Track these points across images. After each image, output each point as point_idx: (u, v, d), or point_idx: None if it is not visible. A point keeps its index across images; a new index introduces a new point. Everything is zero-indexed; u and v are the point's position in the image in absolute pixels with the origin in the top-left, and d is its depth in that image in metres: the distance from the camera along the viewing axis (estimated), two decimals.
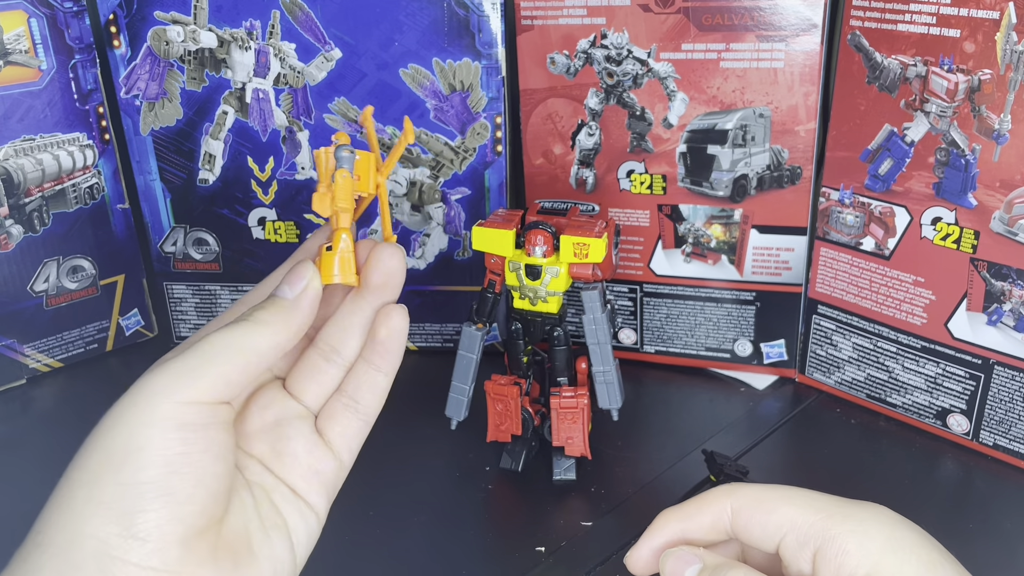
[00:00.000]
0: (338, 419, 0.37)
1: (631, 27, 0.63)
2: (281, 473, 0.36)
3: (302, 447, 0.36)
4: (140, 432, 0.30)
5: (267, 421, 0.37)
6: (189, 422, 0.31)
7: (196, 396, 0.31)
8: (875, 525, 0.33)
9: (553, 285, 0.55)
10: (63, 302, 0.73)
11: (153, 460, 0.30)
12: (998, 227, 0.56)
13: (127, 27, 0.67)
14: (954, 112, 0.56)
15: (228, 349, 0.32)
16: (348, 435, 0.37)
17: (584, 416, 0.57)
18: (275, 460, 0.36)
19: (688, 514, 0.36)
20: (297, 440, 0.36)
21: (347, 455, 0.38)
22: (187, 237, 0.73)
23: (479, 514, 0.57)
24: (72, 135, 0.70)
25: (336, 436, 0.37)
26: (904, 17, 0.56)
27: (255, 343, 0.33)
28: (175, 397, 0.31)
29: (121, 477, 0.30)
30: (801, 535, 0.33)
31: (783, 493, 0.34)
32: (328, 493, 0.37)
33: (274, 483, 0.36)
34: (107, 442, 0.31)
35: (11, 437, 0.66)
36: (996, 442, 0.60)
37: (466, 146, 0.68)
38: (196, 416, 0.31)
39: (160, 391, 0.31)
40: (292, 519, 0.36)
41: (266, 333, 0.33)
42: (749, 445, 0.62)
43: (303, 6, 0.65)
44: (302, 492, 0.36)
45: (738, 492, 0.35)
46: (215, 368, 0.32)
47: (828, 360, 0.67)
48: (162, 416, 0.30)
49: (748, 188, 0.65)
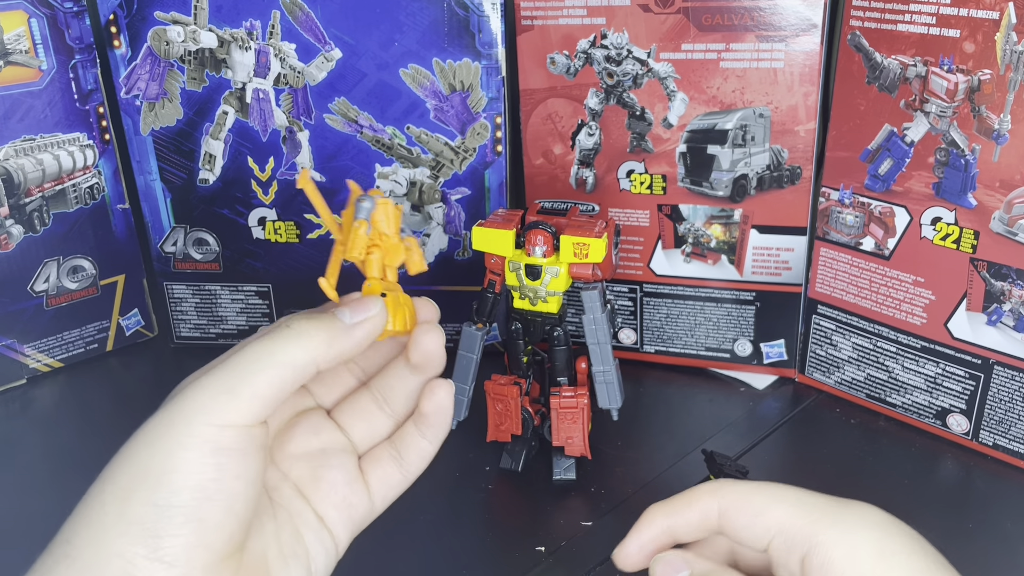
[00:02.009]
0: (382, 466, 0.37)
1: (631, 27, 0.63)
2: (314, 499, 0.36)
3: (342, 477, 0.36)
4: (176, 454, 0.30)
5: (313, 446, 0.37)
6: (225, 447, 0.30)
7: (233, 419, 0.30)
8: (863, 530, 0.32)
9: (553, 285, 0.55)
10: (63, 302, 0.73)
11: (187, 484, 0.30)
12: (998, 227, 0.56)
13: (127, 27, 0.67)
14: (954, 112, 0.56)
15: (263, 363, 0.31)
16: (388, 484, 0.38)
17: (584, 416, 0.57)
18: (311, 485, 0.36)
19: (675, 510, 0.35)
20: (339, 470, 0.36)
21: (380, 502, 0.38)
22: (187, 237, 0.73)
23: (479, 514, 0.57)
24: (72, 135, 0.70)
25: (376, 480, 0.37)
26: (904, 17, 0.56)
27: (292, 356, 0.32)
28: (212, 419, 0.30)
29: (153, 498, 0.29)
30: (789, 539, 0.32)
31: (771, 493, 0.34)
32: (354, 529, 0.37)
33: (302, 509, 0.36)
34: (142, 459, 0.30)
35: (11, 437, 0.66)
36: (996, 442, 0.60)
37: (466, 146, 0.68)
38: (233, 440, 0.30)
39: (197, 411, 0.30)
40: (313, 549, 0.35)
41: (305, 346, 0.32)
42: (749, 445, 0.62)
43: (303, 6, 0.65)
44: (330, 522, 0.36)
45: (725, 490, 0.34)
46: (251, 386, 0.31)
47: (828, 360, 0.67)
48: (199, 439, 0.30)
49: (748, 188, 0.65)
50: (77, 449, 0.63)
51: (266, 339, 0.32)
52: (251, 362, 0.31)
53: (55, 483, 0.59)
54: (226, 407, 0.30)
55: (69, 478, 0.61)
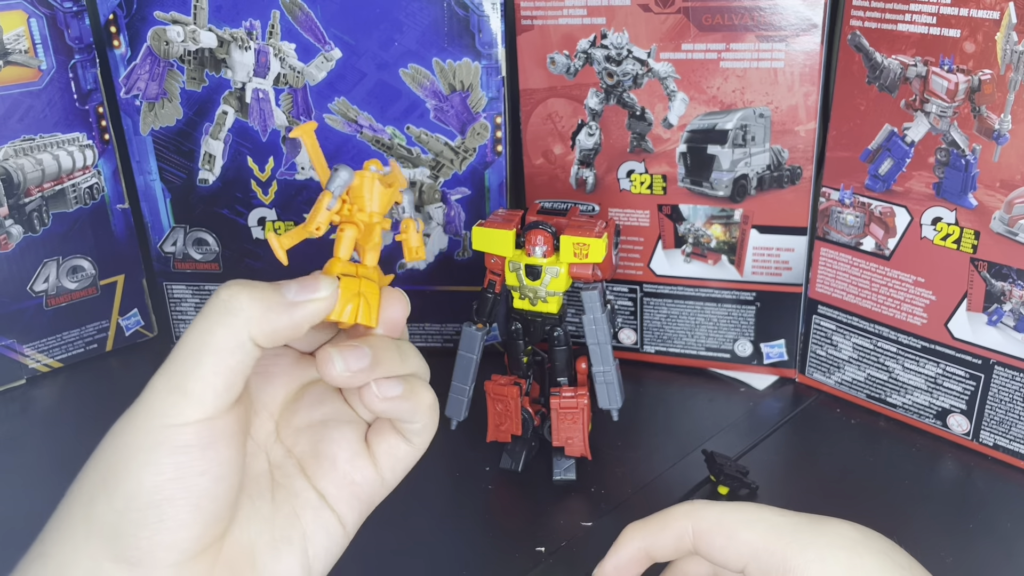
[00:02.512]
0: (387, 437, 0.36)
1: (631, 27, 0.63)
2: (314, 476, 0.35)
3: (344, 453, 0.35)
4: (133, 456, 0.29)
5: (315, 419, 0.35)
6: (184, 444, 0.29)
7: (191, 416, 0.29)
8: (835, 552, 0.32)
9: (553, 285, 0.55)
10: (63, 302, 0.73)
11: (144, 485, 0.29)
12: (998, 227, 0.56)
13: (127, 27, 0.67)
14: (954, 112, 0.55)
15: (202, 351, 0.30)
16: (396, 456, 0.36)
17: (584, 416, 0.57)
18: (312, 461, 0.35)
19: (651, 531, 0.36)
20: (340, 444, 0.35)
21: (390, 474, 0.36)
22: (187, 237, 0.73)
23: (479, 514, 0.57)
24: (72, 135, 0.70)
25: (383, 454, 0.36)
26: (904, 17, 0.56)
27: (225, 338, 0.30)
28: (166, 420, 0.29)
29: (114, 502, 0.29)
30: (762, 563, 0.32)
31: (743, 515, 0.34)
32: (361, 507, 0.36)
33: (302, 487, 0.35)
34: (103, 463, 0.30)
35: (11, 437, 0.66)
36: (996, 442, 0.60)
37: (466, 146, 0.68)
38: (192, 437, 0.29)
39: (152, 413, 0.30)
40: (311, 530, 0.34)
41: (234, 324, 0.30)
42: (749, 445, 0.62)
43: (303, 6, 0.65)
44: (332, 500, 0.35)
45: (699, 513, 0.35)
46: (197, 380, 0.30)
47: (828, 360, 0.67)
48: (154, 441, 0.29)
49: (748, 188, 0.65)
50: (77, 449, 0.63)
51: (201, 320, 0.30)
52: (191, 353, 0.30)
53: (55, 483, 0.59)
54: (177, 406, 0.29)
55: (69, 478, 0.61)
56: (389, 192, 0.34)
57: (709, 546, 0.34)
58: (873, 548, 0.32)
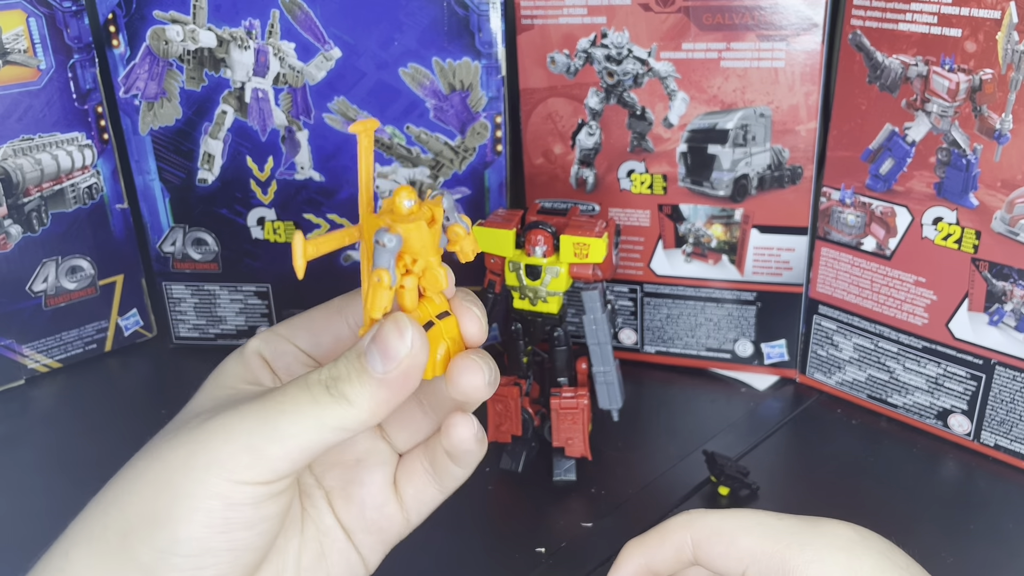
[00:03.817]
0: (416, 482, 0.35)
1: (631, 26, 0.63)
2: (343, 516, 0.35)
3: (372, 500, 0.35)
4: (184, 503, 0.28)
5: (347, 457, 0.35)
6: (239, 502, 0.29)
7: (252, 477, 0.28)
8: (833, 553, 0.32)
9: (553, 285, 0.55)
10: (62, 302, 0.73)
11: (191, 535, 0.28)
12: (999, 227, 0.56)
13: (126, 26, 0.67)
14: (955, 112, 0.55)
15: (302, 426, 0.29)
16: (422, 500, 0.36)
17: (584, 416, 0.57)
18: (342, 501, 0.35)
19: (650, 546, 0.36)
20: (369, 489, 0.35)
21: (415, 516, 0.36)
22: (186, 237, 0.73)
23: (479, 514, 0.56)
24: (71, 135, 0.70)
25: (410, 497, 0.36)
26: (905, 16, 0.56)
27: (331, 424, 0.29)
28: (231, 476, 0.28)
29: (155, 542, 0.29)
30: (762, 567, 0.32)
31: (741, 522, 0.34)
32: (384, 548, 0.36)
33: (331, 526, 0.35)
34: (150, 497, 0.29)
35: (10, 438, 0.66)
36: (997, 442, 0.60)
37: (466, 146, 0.68)
38: (248, 497, 0.29)
39: (217, 464, 0.28)
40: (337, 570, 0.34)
41: (348, 417, 0.29)
42: (750, 446, 0.62)
43: (302, 5, 0.65)
44: (357, 541, 0.35)
45: (697, 523, 0.35)
46: (280, 448, 0.28)
47: (829, 360, 0.67)
48: (212, 493, 0.28)
49: (749, 188, 0.65)
50: (76, 450, 0.63)
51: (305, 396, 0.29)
52: (284, 419, 0.29)
53: (54, 484, 0.59)
54: (248, 466, 0.28)
55: (68, 479, 0.61)
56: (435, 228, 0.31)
57: (709, 555, 0.34)
58: (871, 548, 0.32)
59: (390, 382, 0.29)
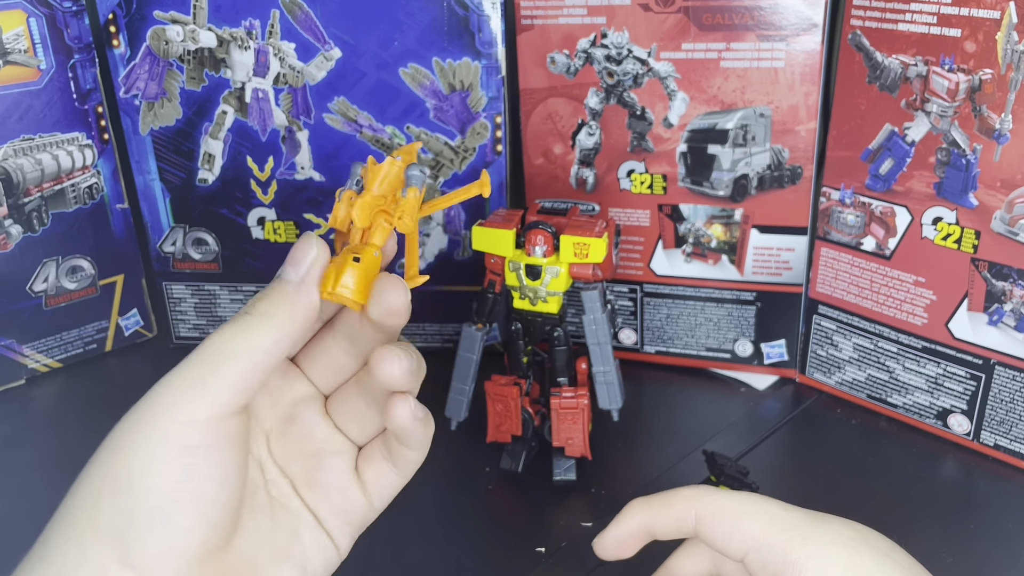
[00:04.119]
0: (376, 467, 0.36)
1: (631, 26, 0.63)
2: (309, 499, 0.35)
3: (336, 484, 0.35)
4: (141, 456, 0.29)
5: (308, 448, 0.36)
6: (193, 444, 0.29)
7: (201, 412, 0.29)
8: (835, 550, 0.32)
9: (553, 285, 0.55)
10: (62, 302, 0.73)
11: (152, 487, 0.29)
12: (999, 227, 0.56)
13: (126, 27, 0.67)
14: (955, 112, 0.55)
15: (230, 352, 0.30)
16: (382, 485, 0.36)
17: (584, 416, 0.57)
18: (307, 488, 0.35)
19: (655, 509, 0.36)
20: (331, 475, 0.35)
21: (378, 501, 0.37)
22: (186, 237, 0.73)
23: (479, 514, 0.56)
24: (71, 135, 0.70)
25: (371, 482, 0.36)
26: (905, 17, 0.56)
27: (259, 341, 0.30)
28: (178, 416, 0.29)
29: (120, 502, 0.29)
30: (763, 555, 0.32)
31: (746, 506, 0.34)
32: (352, 531, 0.36)
33: (300, 509, 0.35)
34: (110, 463, 0.30)
35: (10, 438, 0.66)
36: (997, 442, 0.60)
37: (466, 146, 0.68)
38: (201, 437, 0.29)
39: (163, 409, 0.30)
40: (311, 550, 0.35)
41: (270, 328, 0.31)
42: (750, 446, 0.62)
43: (303, 5, 0.65)
44: (326, 523, 0.35)
45: (703, 499, 0.35)
46: (218, 377, 0.30)
47: (829, 360, 0.67)
48: (163, 439, 0.29)
49: (748, 188, 0.65)
50: (76, 450, 0.63)
51: (230, 328, 0.31)
52: (217, 352, 0.30)
53: (54, 484, 0.59)
54: (193, 401, 0.29)
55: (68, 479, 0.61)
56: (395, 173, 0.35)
57: (711, 532, 0.34)
58: (873, 547, 0.32)
59: (300, 287, 0.31)
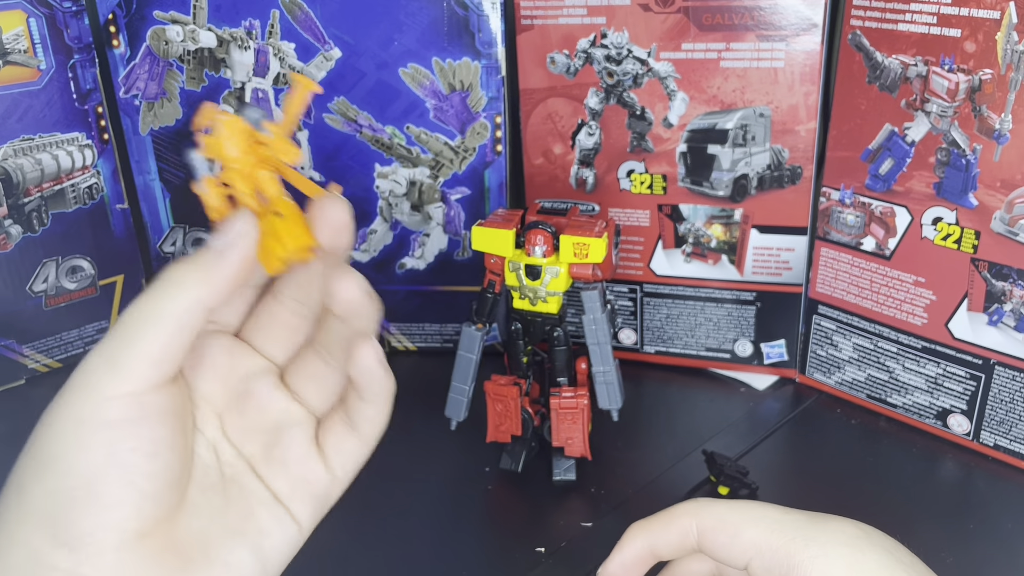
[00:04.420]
0: (336, 435, 0.35)
1: (631, 26, 0.63)
2: (267, 476, 0.35)
3: (295, 455, 0.35)
4: (62, 435, 0.29)
5: (264, 423, 0.35)
6: (113, 419, 0.29)
7: (117, 388, 0.29)
8: (837, 549, 0.32)
9: (553, 285, 0.55)
10: (62, 302, 0.73)
11: (76, 464, 0.28)
12: (999, 227, 0.56)
13: (126, 27, 0.67)
14: (955, 112, 0.55)
15: (145, 322, 0.29)
16: (344, 453, 0.35)
17: (584, 416, 0.57)
18: (264, 463, 0.35)
19: (655, 530, 0.36)
20: (290, 447, 0.35)
21: (341, 472, 0.36)
22: (186, 237, 0.73)
23: (479, 514, 0.56)
24: (71, 135, 0.70)
25: (332, 451, 0.35)
26: (905, 17, 0.56)
27: (173, 307, 0.29)
28: (95, 395, 0.29)
29: (46, 483, 0.29)
30: (766, 560, 0.33)
31: (746, 514, 0.34)
32: (316, 505, 0.35)
33: (256, 486, 0.34)
34: (35, 446, 0.29)
35: (10, 438, 0.65)
36: (997, 442, 0.60)
37: (466, 146, 0.68)
38: (121, 412, 0.29)
39: (80, 389, 0.29)
40: (267, 526, 0.34)
41: (184, 293, 0.30)
42: (749, 446, 0.62)
43: (302, 6, 0.65)
44: (285, 499, 0.35)
45: (702, 512, 0.35)
46: (132, 351, 0.29)
47: (828, 360, 0.67)
48: (82, 418, 0.29)
49: (748, 188, 0.65)
50: None
51: (143, 299, 0.30)
52: (130, 325, 0.29)
53: None
54: (107, 378, 0.29)
55: None
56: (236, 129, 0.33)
57: (713, 544, 0.34)
58: (876, 545, 0.32)
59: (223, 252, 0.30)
